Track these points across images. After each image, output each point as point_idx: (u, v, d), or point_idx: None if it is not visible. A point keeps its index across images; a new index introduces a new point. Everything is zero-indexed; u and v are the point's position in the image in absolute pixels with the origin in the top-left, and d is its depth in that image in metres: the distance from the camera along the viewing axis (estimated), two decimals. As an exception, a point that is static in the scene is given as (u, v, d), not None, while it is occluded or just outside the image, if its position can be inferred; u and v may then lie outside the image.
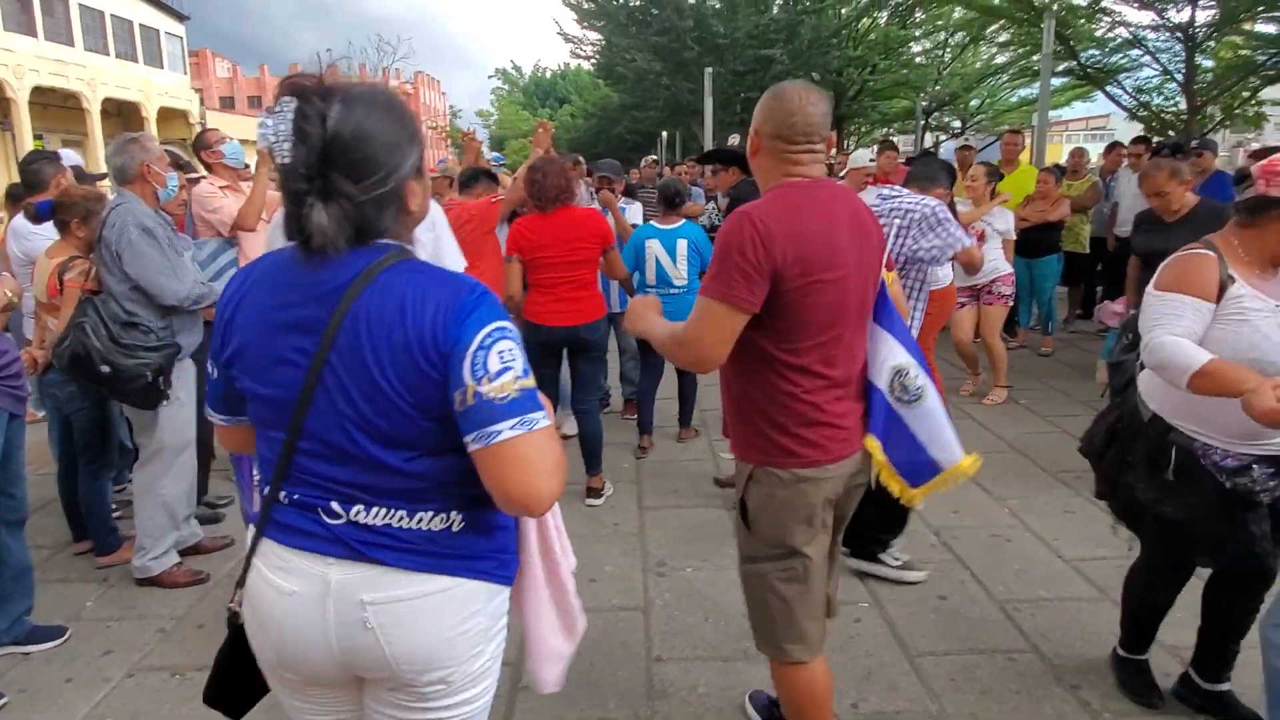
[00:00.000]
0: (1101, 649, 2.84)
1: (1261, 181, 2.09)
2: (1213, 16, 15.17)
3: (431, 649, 1.28)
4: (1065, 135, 37.95)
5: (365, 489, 1.26)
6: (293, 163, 1.17)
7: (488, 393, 1.18)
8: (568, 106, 52.30)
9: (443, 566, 1.28)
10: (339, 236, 1.18)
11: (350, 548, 1.26)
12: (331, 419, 1.23)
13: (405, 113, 1.28)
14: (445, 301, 1.20)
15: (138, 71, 28.95)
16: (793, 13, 20.95)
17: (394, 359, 1.20)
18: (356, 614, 1.26)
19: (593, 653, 2.89)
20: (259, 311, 1.27)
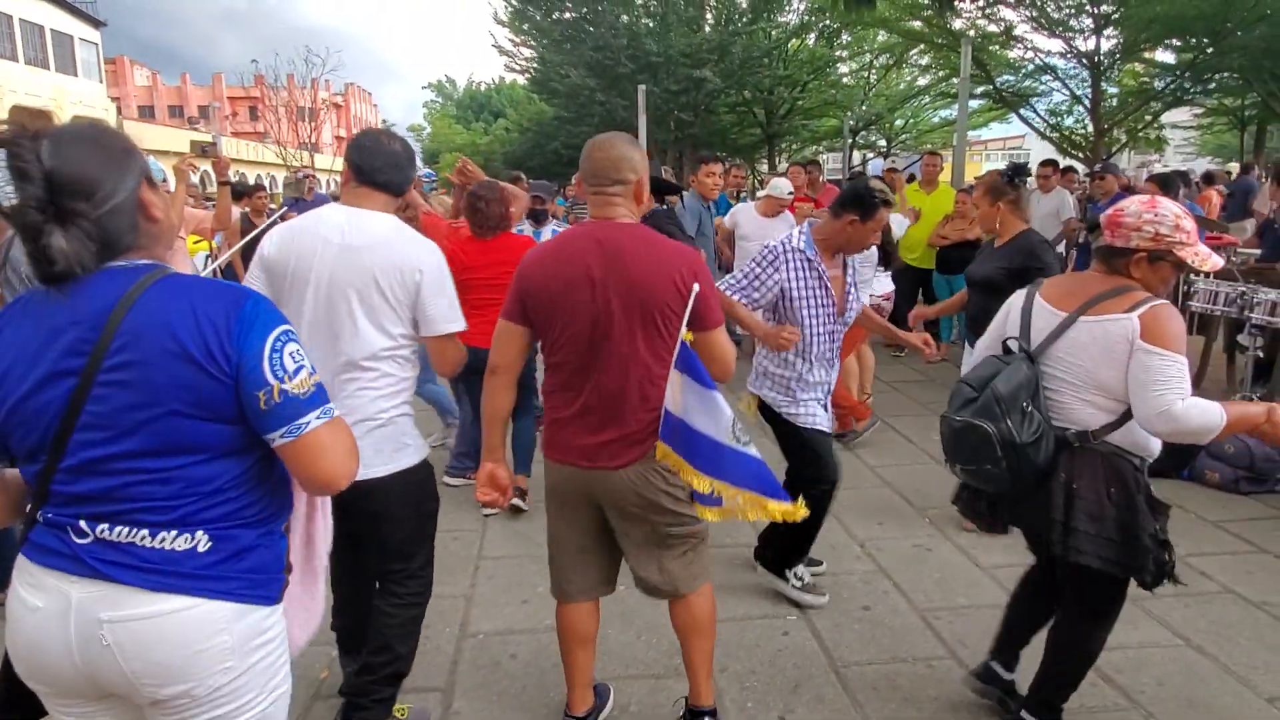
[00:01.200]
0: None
1: (1108, 231, 2.19)
2: (1116, 45, 16.06)
3: (168, 667, 1.32)
4: (984, 155, 39.49)
5: (114, 502, 1.31)
6: (22, 200, 1.23)
7: (292, 389, 1.32)
8: (502, 120, 52.08)
9: (181, 586, 1.32)
10: (83, 253, 1.26)
11: (91, 567, 1.31)
12: (96, 434, 1.28)
13: (109, 133, 1.36)
14: (223, 311, 1.30)
15: (49, 79, 27.79)
16: (724, 33, 21.36)
17: (171, 369, 1.26)
18: (94, 630, 1.30)
19: (525, 674, 2.89)
20: (21, 339, 1.32)
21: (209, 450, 1.33)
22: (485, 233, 4.01)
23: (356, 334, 2.26)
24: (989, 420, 2.17)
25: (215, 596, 1.34)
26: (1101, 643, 2.39)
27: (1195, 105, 19.41)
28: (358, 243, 2.25)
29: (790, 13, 23.01)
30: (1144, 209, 2.13)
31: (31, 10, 27.16)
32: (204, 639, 1.33)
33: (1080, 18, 15.73)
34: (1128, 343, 2.09)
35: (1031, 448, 2.16)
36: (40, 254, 1.25)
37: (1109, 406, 2.18)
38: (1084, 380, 2.19)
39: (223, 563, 1.36)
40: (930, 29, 17.14)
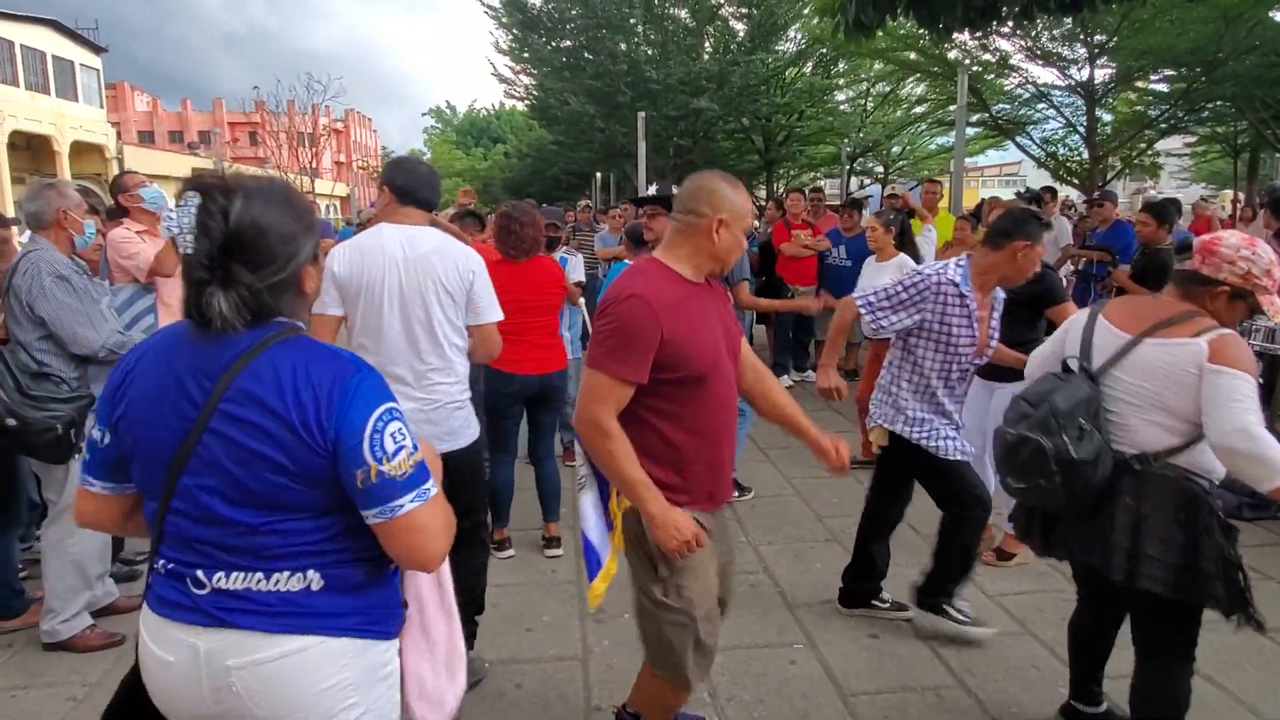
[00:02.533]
0: (1022, 681, 2.96)
1: (1199, 257, 2.16)
2: (1110, 75, 16.28)
3: (296, 707, 1.35)
4: (981, 181, 39.79)
5: (226, 550, 1.34)
6: (195, 253, 1.29)
7: (389, 471, 1.31)
8: (502, 146, 52.49)
9: (300, 626, 1.35)
10: (236, 320, 1.30)
11: (213, 616, 1.34)
12: (206, 483, 1.32)
13: (301, 205, 1.41)
14: (328, 382, 1.31)
15: (50, 104, 27.96)
16: (723, 62, 21.60)
17: (274, 429, 1.29)
18: (224, 680, 1.33)
19: (530, 704, 2.86)
20: (151, 379, 1.36)
21: (307, 510, 1.35)
22: (518, 255, 3.90)
23: (432, 333, 2.64)
24: (1044, 435, 2.14)
25: (335, 634, 1.37)
26: (1188, 683, 2.26)
27: (1189, 133, 19.62)
28: (420, 253, 2.62)
29: (788, 42, 23.31)
30: (1243, 244, 2.11)
31: (33, 36, 27.41)
32: (327, 676, 1.36)
33: (1074, 47, 15.95)
34: (1197, 367, 2.05)
35: (1088, 465, 2.12)
36: (197, 306, 1.30)
37: (1174, 428, 2.14)
38: (1148, 401, 2.16)
39: (337, 599, 1.38)
40: (926, 59, 17.36)
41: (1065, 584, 3.73)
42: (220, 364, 1.32)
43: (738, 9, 22.42)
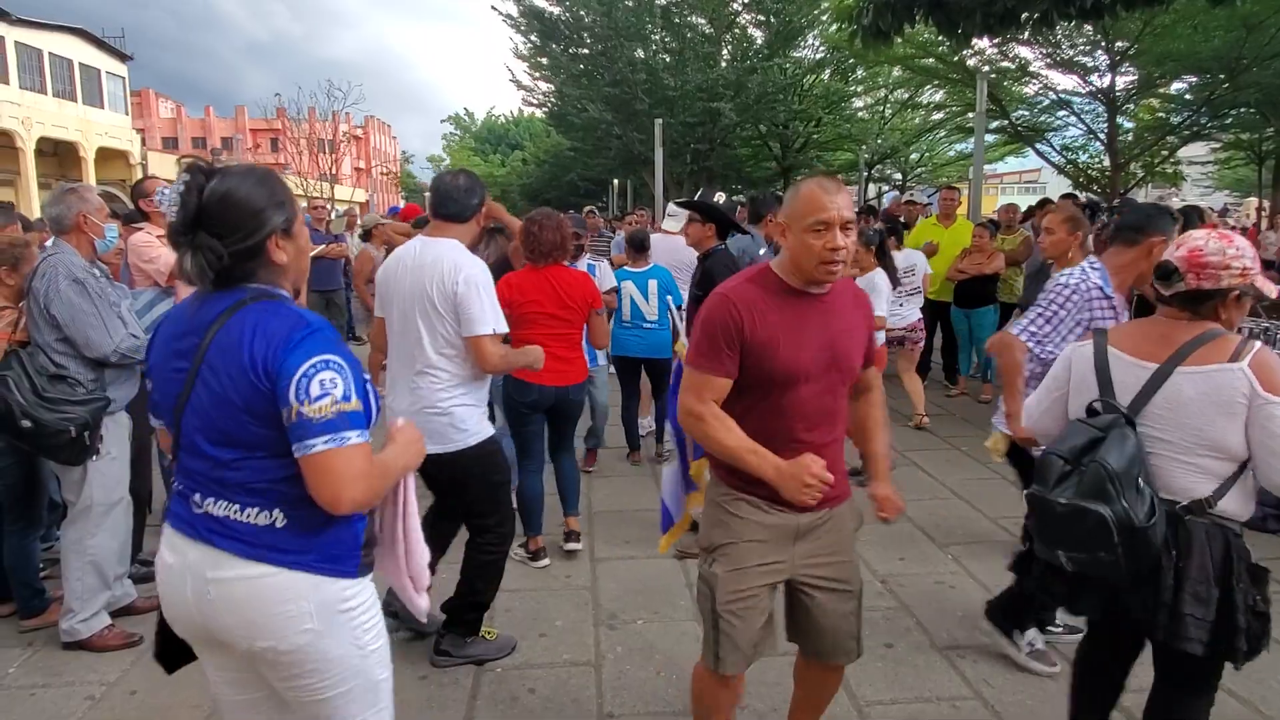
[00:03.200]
0: (1041, 693, 2.92)
1: (1191, 276, 1.98)
2: (1132, 82, 16.13)
3: (255, 624, 1.56)
4: (1000, 188, 39.53)
5: (213, 483, 1.58)
6: (175, 222, 1.55)
7: (307, 412, 1.48)
8: (520, 153, 52.76)
9: (264, 556, 1.56)
10: (201, 279, 1.56)
11: (201, 533, 1.58)
12: (195, 422, 1.58)
13: (275, 185, 1.62)
14: (279, 334, 1.52)
15: (76, 111, 28.39)
16: (740, 69, 21.61)
17: (236, 376, 1.52)
18: (202, 587, 1.57)
19: (543, 710, 2.86)
20: (163, 341, 1.67)
21: (267, 448, 1.55)
22: (538, 259, 3.88)
23: (422, 339, 2.85)
24: (1103, 503, 1.89)
25: (292, 567, 1.56)
26: (1208, 710, 2.16)
27: (1212, 140, 19.39)
28: (422, 263, 2.84)
29: (806, 49, 23.28)
30: (1226, 245, 1.97)
31: (61, 45, 27.84)
32: (283, 603, 1.56)
33: (1095, 54, 15.82)
34: (1245, 397, 1.88)
35: (1151, 531, 1.89)
36: (178, 264, 1.58)
37: (1218, 470, 1.96)
38: (1192, 440, 1.95)
39: (297, 538, 1.57)
40: (944, 65, 17.27)
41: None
42: (204, 323, 1.57)
43: (756, 16, 22.42)
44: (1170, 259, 2.02)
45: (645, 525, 4.57)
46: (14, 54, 25.60)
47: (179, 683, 3.00)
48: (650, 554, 4.18)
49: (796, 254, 2.02)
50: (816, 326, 2.08)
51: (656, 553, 4.19)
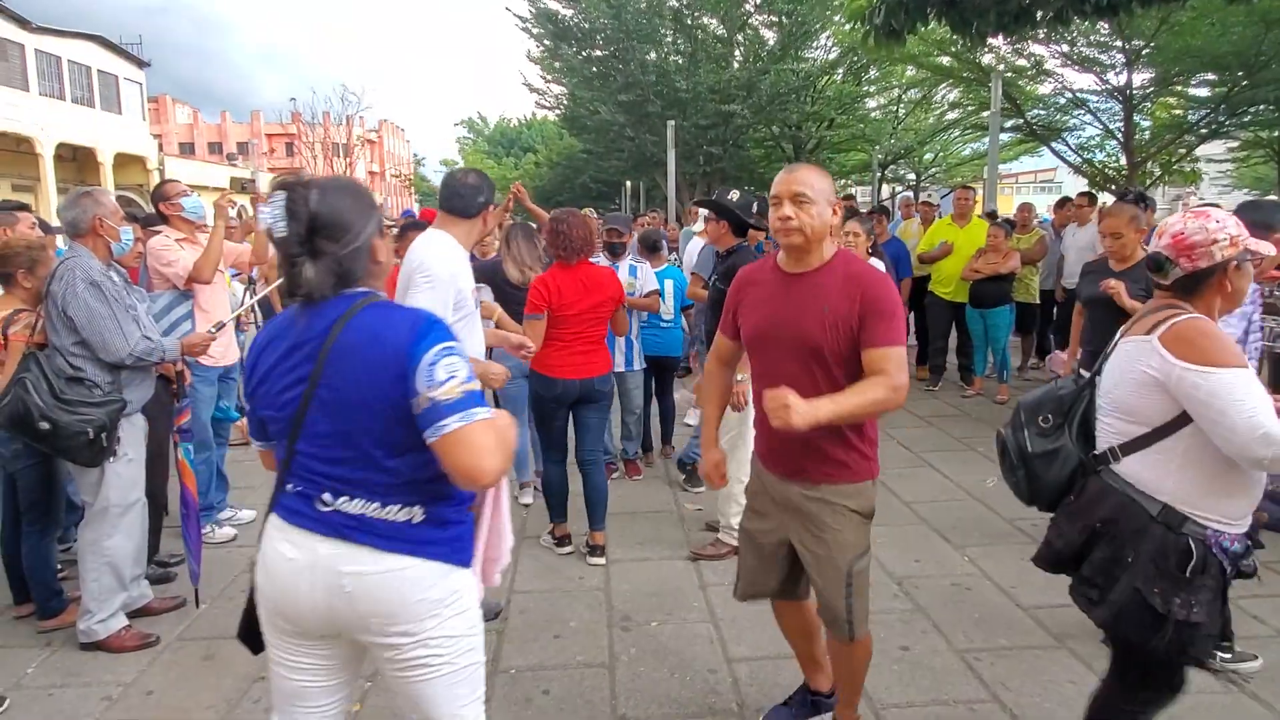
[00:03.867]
0: (1059, 696, 2.88)
1: (1184, 260, 2.00)
2: (1148, 80, 15.97)
3: (392, 612, 1.65)
4: (1015, 187, 39.27)
5: (347, 482, 1.64)
6: (288, 235, 1.59)
7: (437, 396, 1.55)
8: (533, 155, 52.83)
9: (404, 549, 1.65)
10: (325, 284, 1.62)
11: (335, 529, 1.64)
12: (324, 426, 1.62)
13: (363, 191, 1.73)
14: (404, 328, 1.60)
15: (94, 117, 28.66)
16: (753, 70, 21.57)
17: (370, 376, 1.59)
18: (336, 580, 1.63)
19: (557, 711, 2.85)
20: (274, 352, 1.69)
21: (396, 445, 1.61)
22: (570, 256, 3.95)
23: None
24: (1009, 429, 2.29)
25: (427, 558, 1.67)
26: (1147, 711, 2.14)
27: (1230, 138, 19.17)
28: (409, 255, 2.94)
29: (819, 49, 23.22)
30: (1205, 221, 1.98)
31: (79, 52, 28.11)
32: (419, 591, 1.65)
33: (1111, 53, 15.68)
34: (1156, 369, 1.92)
35: (1041, 460, 2.19)
36: (293, 279, 1.61)
37: (1123, 429, 2.03)
38: (1106, 401, 2.10)
39: (432, 530, 1.68)
40: (959, 64, 17.17)
41: (1103, 597, 3.65)
42: (322, 329, 1.62)
43: (768, 17, 22.39)
44: (1157, 251, 2.04)
45: (659, 526, 4.56)
46: (33, 61, 25.88)
47: (195, 683, 3.03)
48: (664, 555, 4.17)
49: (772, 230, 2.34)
50: (784, 300, 2.34)
51: (670, 554, 4.18)
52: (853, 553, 2.36)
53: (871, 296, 2.24)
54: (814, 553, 2.38)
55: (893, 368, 2.20)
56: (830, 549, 2.35)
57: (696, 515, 4.71)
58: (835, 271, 2.30)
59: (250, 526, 4.52)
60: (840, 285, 2.27)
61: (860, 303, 2.23)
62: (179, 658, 3.22)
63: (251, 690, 2.97)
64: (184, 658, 3.22)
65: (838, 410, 2.14)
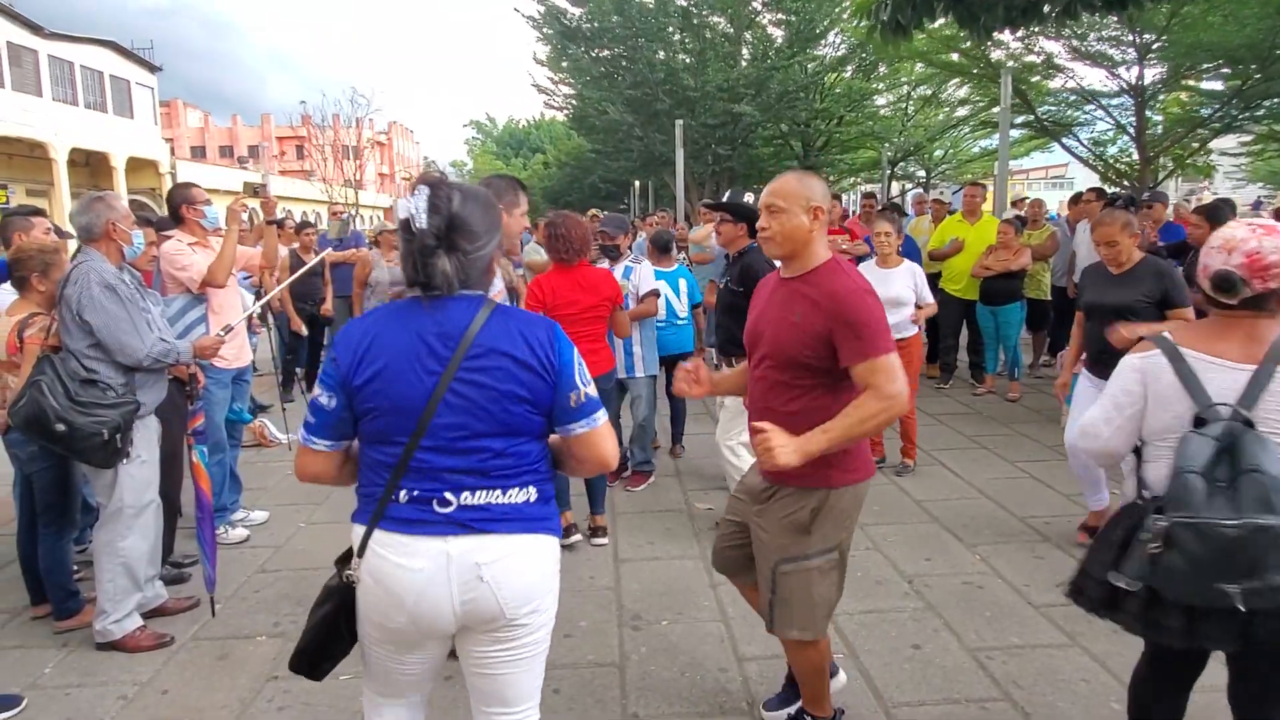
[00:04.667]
0: (1071, 695, 2.87)
1: (1257, 281, 1.90)
2: (1160, 74, 15.85)
3: (529, 589, 1.75)
4: (1026, 184, 39.07)
5: (473, 475, 1.70)
6: (429, 226, 1.66)
7: (590, 393, 1.76)
8: (541, 156, 52.95)
9: (528, 528, 1.75)
10: (455, 279, 1.69)
11: (463, 525, 1.70)
12: (454, 420, 1.67)
13: (495, 206, 1.81)
14: (545, 334, 1.74)
15: (107, 122, 28.90)
16: (761, 68, 21.54)
17: (514, 371, 1.68)
18: (474, 573, 1.69)
19: (568, 710, 2.86)
20: (398, 343, 1.69)
21: (531, 433, 1.75)
22: (569, 257, 4.00)
23: None
24: (1275, 514, 1.72)
25: (546, 532, 1.79)
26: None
27: (1244, 132, 19.02)
28: None
29: (827, 47, 23.16)
30: (1276, 239, 1.90)
31: (91, 57, 28.35)
32: (545, 564, 1.78)
33: (1122, 47, 15.57)
34: None
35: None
36: (425, 270, 1.67)
37: None
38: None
39: (544, 507, 1.80)
40: (968, 61, 17.10)
41: (1116, 595, 3.63)
42: (460, 326, 1.68)
43: (776, 15, 22.34)
44: (1228, 268, 1.91)
45: (669, 526, 4.57)
46: (47, 66, 26.12)
47: (209, 683, 3.05)
48: (674, 555, 4.18)
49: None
50: (771, 304, 2.42)
51: (680, 554, 4.19)
52: (777, 554, 2.38)
53: (838, 314, 2.21)
54: (756, 539, 2.49)
55: (879, 379, 2.17)
56: (760, 546, 2.46)
57: (707, 514, 4.71)
58: (815, 282, 2.31)
59: (262, 527, 4.56)
60: (815, 296, 2.28)
61: (829, 320, 2.22)
62: (194, 657, 3.25)
63: (265, 690, 3.00)
64: (199, 657, 3.25)
65: (830, 438, 2.15)
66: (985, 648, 3.22)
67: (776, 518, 2.38)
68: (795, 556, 2.35)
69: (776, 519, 2.38)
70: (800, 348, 2.27)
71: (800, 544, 2.35)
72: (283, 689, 2.99)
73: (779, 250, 2.36)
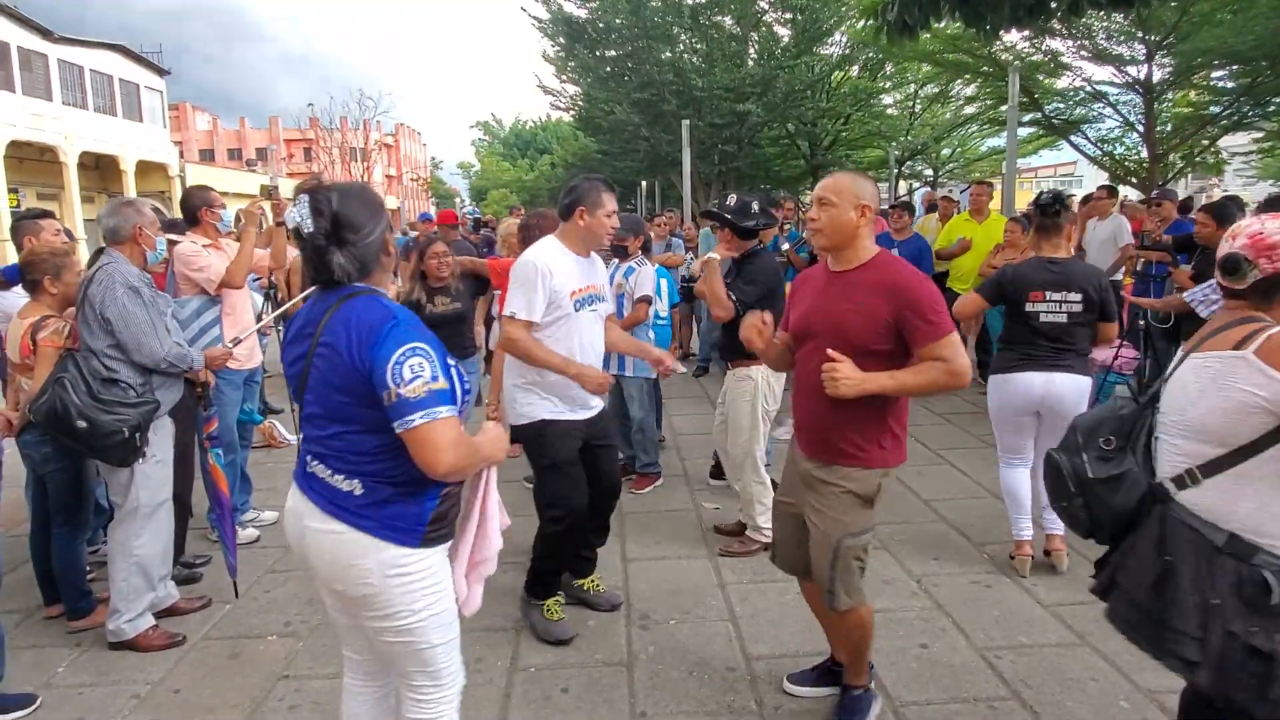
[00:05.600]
0: (1080, 694, 2.87)
1: (1264, 260, 1.89)
2: (1169, 71, 15.76)
3: (329, 568, 1.90)
4: (1035, 182, 38.91)
5: (321, 450, 1.89)
6: (315, 229, 1.84)
7: (404, 393, 1.74)
8: (548, 157, 52.95)
9: (341, 516, 1.87)
10: (351, 268, 1.87)
11: (306, 488, 1.93)
12: (310, 396, 1.90)
13: (372, 195, 1.98)
14: (371, 326, 1.79)
15: (116, 125, 29.06)
16: (768, 67, 21.51)
17: (336, 361, 1.81)
18: (301, 530, 1.93)
19: (576, 709, 2.87)
20: (289, 334, 2.00)
21: (360, 424, 1.83)
22: None
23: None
24: (1065, 454, 2.10)
25: (360, 530, 1.85)
26: None
27: (1255, 129, 18.90)
28: None
29: (833, 46, 23.12)
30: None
31: (101, 61, 28.52)
32: (350, 558, 1.86)
33: (1132, 44, 15.49)
34: (1257, 386, 1.76)
35: (1105, 486, 1.99)
36: (323, 267, 1.87)
37: (1192, 451, 1.88)
38: (1172, 420, 1.94)
39: (368, 506, 1.86)
40: (975, 59, 17.04)
41: (1125, 594, 3.62)
42: (318, 316, 1.88)
43: (782, 14, 22.32)
44: (1233, 251, 1.92)
45: (676, 526, 4.57)
46: (56, 71, 26.29)
47: (221, 681, 3.08)
48: (682, 554, 4.19)
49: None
50: (825, 296, 2.54)
51: (688, 553, 4.20)
52: (841, 531, 2.53)
53: (909, 300, 2.41)
54: (813, 524, 2.59)
55: (950, 353, 2.40)
56: (824, 523, 2.55)
57: (714, 514, 4.71)
58: (874, 271, 2.50)
59: (272, 528, 4.58)
60: (877, 285, 2.46)
61: (898, 307, 2.41)
62: (205, 656, 3.27)
63: (276, 688, 3.02)
64: (210, 656, 3.27)
65: (892, 383, 2.39)
66: (994, 647, 3.22)
67: (839, 495, 2.53)
68: (856, 531, 2.54)
69: (839, 497, 2.53)
70: (866, 334, 2.42)
71: (862, 518, 2.55)
72: (294, 688, 3.01)
73: (826, 241, 2.52)
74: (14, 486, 3.69)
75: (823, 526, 2.55)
